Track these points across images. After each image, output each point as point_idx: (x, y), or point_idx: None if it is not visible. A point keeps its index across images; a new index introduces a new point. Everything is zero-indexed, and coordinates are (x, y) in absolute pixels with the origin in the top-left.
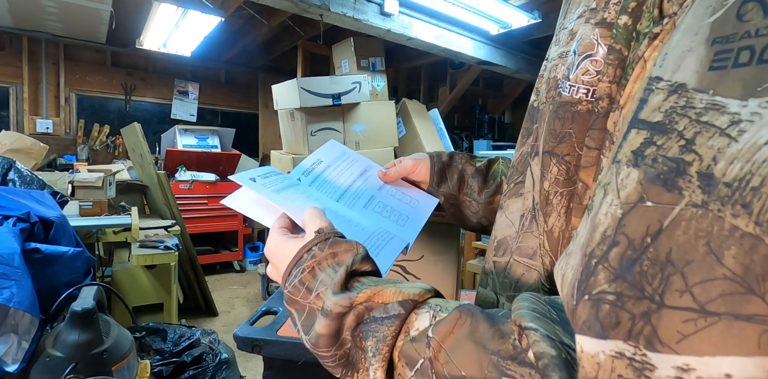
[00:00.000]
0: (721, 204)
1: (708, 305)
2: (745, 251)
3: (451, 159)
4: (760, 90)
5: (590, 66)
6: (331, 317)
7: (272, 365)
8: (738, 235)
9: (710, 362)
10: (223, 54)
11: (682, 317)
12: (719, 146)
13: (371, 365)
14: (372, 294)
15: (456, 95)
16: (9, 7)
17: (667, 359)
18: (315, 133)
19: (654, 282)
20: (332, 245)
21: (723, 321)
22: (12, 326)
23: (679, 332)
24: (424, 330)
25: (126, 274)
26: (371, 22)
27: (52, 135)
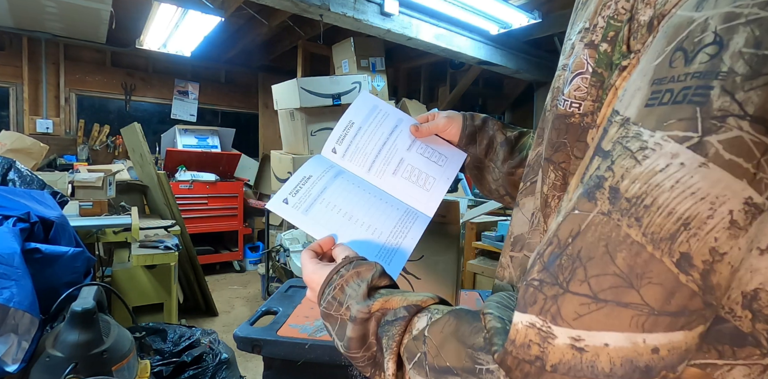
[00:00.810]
0: (620, 215)
1: (600, 294)
2: (631, 255)
3: (484, 123)
4: (665, 125)
5: (581, 83)
6: (357, 322)
7: (272, 365)
8: (629, 242)
9: (596, 335)
10: (223, 54)
11: (579, 301)
12: (627, 166)
13: (385, 358)
14: (384, 302)
15: (456, 95)
16: (9, 7)
17: (565, 331)
18: (315, 134)
19: (565, 273)
20: (356, 266)
21: (608, 306)
22: (12, 326)
23: (576, 312)
24: (422, 330)
25: (126, 274)
26: (371, 22)
27: (52, 135)
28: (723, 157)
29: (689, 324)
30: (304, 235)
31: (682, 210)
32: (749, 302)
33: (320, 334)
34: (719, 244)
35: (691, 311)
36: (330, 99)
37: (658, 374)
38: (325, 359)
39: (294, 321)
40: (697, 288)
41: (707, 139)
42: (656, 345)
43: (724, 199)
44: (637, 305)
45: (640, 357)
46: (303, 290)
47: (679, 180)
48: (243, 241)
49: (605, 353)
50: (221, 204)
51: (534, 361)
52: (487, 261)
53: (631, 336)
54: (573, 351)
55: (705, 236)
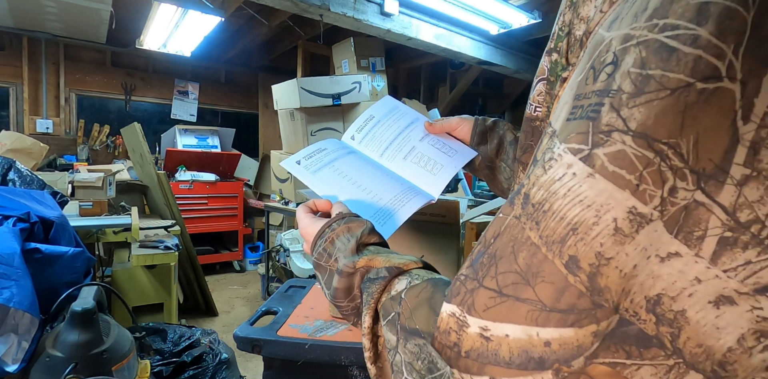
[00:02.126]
0: (526, 218)
1: (504, 289)
2: (529, 255)
3: (495, 124)
4: (568, 138)
5: (542, 88)
6: (343, 275)
7: (272, 365)
8: (529, 243)
9: (499, 326)
10: (223, 54)
11: (488, 295)
12: (538, 175)
13: (363, 312)
14: (369, 260)
15: (456, 95)
16: (9, 7)
17: (476, 321)
18: (315, 133)
19: (483, 269)
20: (348, 222)
21: (509, 301)
22: (12, 326)
23: (485, 304)
24: (400, 292)
25: (126, 274)
26: (371, 22)
27: (52, 135)
28: (607, 169)
29: (579, 322)
30: None
31: (571, 216)
32: (653, 307)
33: (320, 334)
34: (604, 249)
35: (579, 310)
36: (330, 99)
37: (551, 366)
38: (325, 359)
39: (294, 321)
40: (584, 289)
41: (595, 151)
42: (548, 339)
43: (609, 207)
44: (532, 301)
45: (534, 349)
46: (303, 290)
47: (571, 188)
48: (243, 241)
49: (506, 342)
50: (221, 204)
51: (453, 347)
52: None
53: (526, 329)
54: (481, 339)
55: (591, 241)
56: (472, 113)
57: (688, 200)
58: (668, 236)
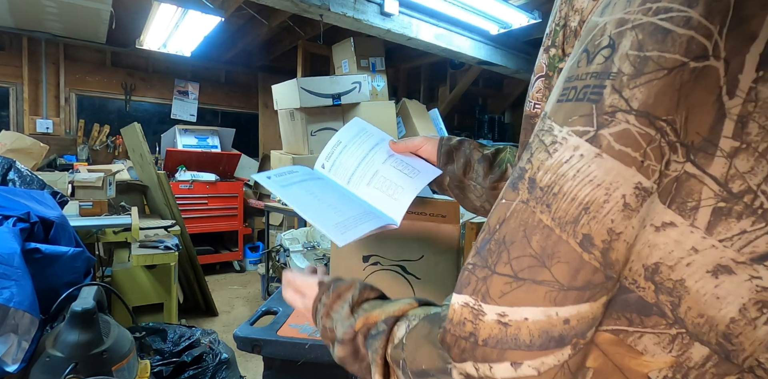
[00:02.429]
0: (535, 202)
1: (519, 273)
2: (543, 237)
3: (460, 144)
4: (570, 121)
5: (540, 85)
6: (344, 342)
7: (272, 365)
8: (541, 226)
9: (517, 310)
10: (223, 54)
11: (503, 281)
12: (542, 159)
13: (372, 370)
14: (365, 319)
15: (456, 95)
16: (9, 7)
17: (493, 309)
18: (315, 133)
19: (493, 256)
20: (335, 290)
21: (526, 284)
22: (12, 326)
23: (501, 290)
24: (401, 338)
25: (126, 274)
26: (371, 22)
27: (52, 135)
28: (614, 148)
29: (594, 296)
30: (304, 235)
31: (582, 196)
32: (651, 275)
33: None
34: (615, 225)
35: (594, 285)
36: (330, 99)
37: (570, 342)
38: (325, 359)
39: (294, 321)
40: (599, 264)
41: (601, 132)
42: (567, 317)
43: (617, 184)
44: (550, 282)
45: (554, 328)
46: None
47: (580, 169)
48: (243, 241)
49: (525, 326)
50: (221, 204)
51: (468, 337)
52: None
53: (545, 310)
54: (499, 326)
55: (603, 219)
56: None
57: (678, 172)
58: (662, 205)
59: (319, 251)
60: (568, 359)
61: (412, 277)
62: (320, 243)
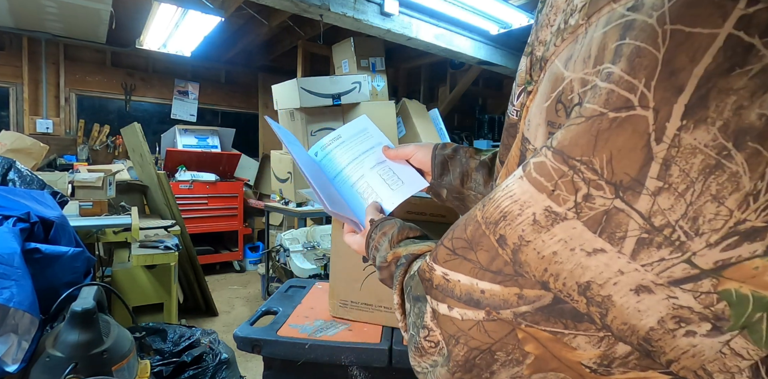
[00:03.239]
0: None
1: (456, 250)
2: (473, 229)
3: (455, 152)
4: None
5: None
6: (381, 269)
7: (272, 365)
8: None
9: (453, 274)
10: (223, 54)
11: (446, 252)
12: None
13: (393, 292)
14: (394, 254)
15: (456, 95)
16: (9, 7)
17: (439, 268)
18: (315, 133)
19: (449, 232)
20: (381, 228)
21: (459, 259)
22: (12, 326)
23: (444, 258)
24: (414, 272)
25: (126, 274)
26: (371, 22)
27: (52, 135)
28: (532, 175)
29: (504, 282)
30: (304, 235)
31: (503, 206)
32: (583, 291)
33: (320, 334)
34: (525, 234)
35: (504, 274)
36: (330, 99)
37: (484, 308)
38: (325, 359)
39: (294, 321)
40: (509, 259)
41: (530, 160)
42: (483, 288)
43: (529, 204)
44: (474, 262)
45: (474, 293)
46: (303, 290)
47: (508, 186)
48: (243, 241)
49: (458, 285)
50: (221, 204)
51: (428, 280)
52: None
53: (470, 279)
54: (443, 279)
55: (515, 226)
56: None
57: (607, 207)
58: (591, 234)
59: (319, 251)
60: (483, 320)
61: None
62: (320, 243)
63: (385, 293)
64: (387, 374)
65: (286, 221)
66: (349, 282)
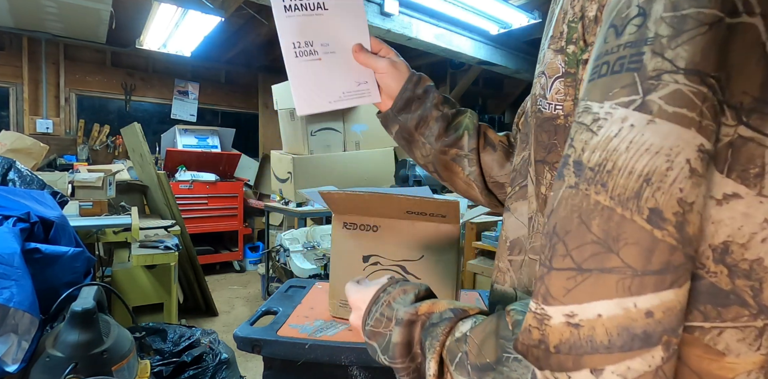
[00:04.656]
0: (587, 184)
1: (583, 264)
2: (604, 220)
3: (425, 93)
4: (611, 94)
5: (560, 86)
6: (403, 324)
7: (272, 365)
8: (599, 208)
9: (587, 307)
10: (223, 54)
11: (565, 276)
12: (585, 139)
13: (427, 358)
14: (431, 304)
15: (456, 95)
16: (9, 7)
17: (558, 310)
18: (315, 133)
19: (546, 251)
20: (402, 285)
21: (593, 275)
22: (12, 326)
23: (564, 287)
24: (465, 332)
25: (126, 274)
26: (371, 22)
27: (52, 135)
28: (667, 111)
29: (677, 281)
30: (304, 235)
31: (640, 167)
32: (721, 256)
33: (320, 334)
34: (685, 194)
35: (675, 267)
36: None
37: (660, 340)
38: (325, 359)
39: (294, 321)
40: (675, 242)
41: (649, 98)
42: (648, 308)
43: (679, 149)
44: (620, 268)
45: (635, 323)
46: (303, 290)
47: (632, 140)
48: (243, 241)
49: (600, 324)
50: (221, 204)
51: (539, 345)
52: (487, 261)
53: (620, 302)
54: (570, 328)
55: (669, 188)
56: None
57: (731, 136)
58: (719, 175)
59: (319, 251)
60: (662, 364)
61: (412, 277)
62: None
63: None
64: (387, 374)
65: (286, 221)
66: None
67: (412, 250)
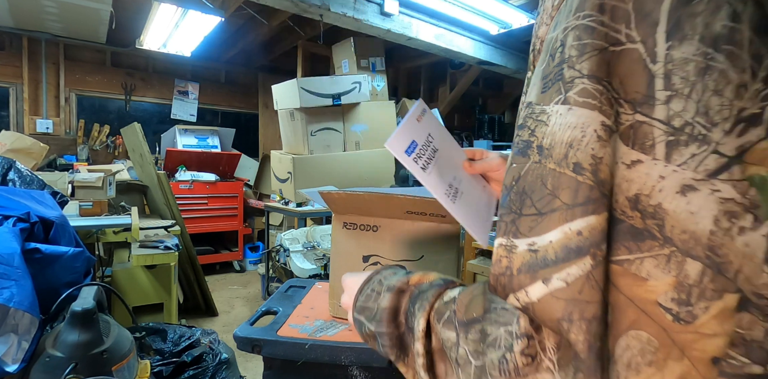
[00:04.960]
0: (544, 159)
1: (542, 209)
2: (553, 178)
3: None
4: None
5: None
6: (393, 291)
7: (272, 365)
8: (550, 171)
9: (543, 237)
10: (223, 54)
11: (530, 219)
12: (543, 130)
13: (417, 316)
14: (422, 276)
15: (456, 95)
16: (9, 7)
17: (523, 241)
18: (315, 133)
19: (517, 204)
20: (393, 268)
21: (548, 215)
22: (12, 326)
23: (529, 226)
24: (453, 296)
25: (126, 274)
26: (371, 22)
27: (52, 135)
28: (579, 101)
29: (597, 210)
30: (304, 235)
31: (566, 138)
32: (634, 205)
33: (320, 334)
34: (596, 151)
35: (594, 200)
36: (330, 99)
37: (588, 252)
38: (325, 359)
39: (294, 321)
40: (592, 183)
41: (567, 95)
42: (579, 229)
43: (588, 124)
44: (560, 206)
45: (570, 241)
46: (303, 290)
47: (561, 123)
48: (243, 241)
49: (550, 247)
50: (221, 204)
51: (505, 271)
52: (487, 261)
53: (561, 228)
54: (530, 253)
55: (584, 148)
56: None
57: (631, 121)
58: (626, 147)
59: (319, 251)
60: (592, 270)
61: None
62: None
63: None
64: (387, 374)
65: (286, 221)
66: None
67: (412, 250)
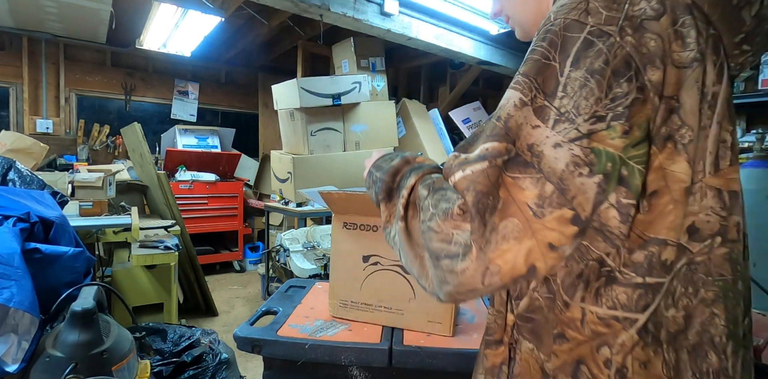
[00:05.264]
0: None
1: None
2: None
3: None
4: None
5: None
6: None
7: (272, 365)
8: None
9: (471, 152)
10: (223, 54)
11: (469, 144)
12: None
13: (410, 177)
14: (426, 158)
15: (456, 95)
16: (9, 7)
17: (462, 154)
18: (315, 133)
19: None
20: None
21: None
22: (12, 326)
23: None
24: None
25: (126, 274)
26: (371, 22)
27: (52, 135)
28: (513, 86)
29: (498, 140)
30: (303, 235)
31: (501, 103)
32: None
33: (320, 334)
34: (509, 111)
35: (497, 134)
36: (330, 99)
37: (487, 159)
38: (325, 359)
39: (294, 321)
40: (502, 126)
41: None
42: (487, 147)
43: (511, 97)
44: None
45: (481, 152)
46: (303, 290)
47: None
48: (243, 241)
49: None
50: (221, 204)
51: (450, 166)
52: None
53: (480, 147)
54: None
55: (505, 110)
56: None
57: (541, 104)
58: (534, 117)
59: (319, 250)
60: (487, 168)
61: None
62: (320, 243)
63: (385, 292)
64: (387, 374)
65: (286, 221)
66: (349, 282)
67: None
